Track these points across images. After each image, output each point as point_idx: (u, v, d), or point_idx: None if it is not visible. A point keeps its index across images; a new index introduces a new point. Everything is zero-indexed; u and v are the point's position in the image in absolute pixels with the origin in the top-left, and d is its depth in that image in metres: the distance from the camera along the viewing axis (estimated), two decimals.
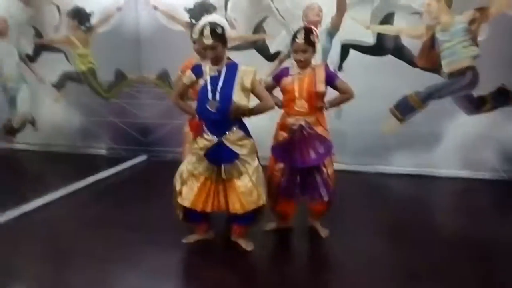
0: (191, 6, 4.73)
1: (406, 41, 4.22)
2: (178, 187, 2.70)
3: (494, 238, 3.03)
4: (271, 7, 4.48)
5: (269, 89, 2.82)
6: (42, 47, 5.47)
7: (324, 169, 2.79)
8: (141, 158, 5.10)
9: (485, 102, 4.16)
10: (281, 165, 2.84)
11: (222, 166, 2.58)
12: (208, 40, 2.42)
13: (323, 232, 3.04)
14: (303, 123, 2.74)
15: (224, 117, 2.51)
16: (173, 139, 4.55)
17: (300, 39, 2.63)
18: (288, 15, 4.45)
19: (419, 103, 4.29)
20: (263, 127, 2.94)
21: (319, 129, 2.77)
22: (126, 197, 3.93)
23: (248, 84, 2.50)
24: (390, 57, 4.27)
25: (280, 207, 2.98)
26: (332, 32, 4.21)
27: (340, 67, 4.37)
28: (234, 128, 2.56)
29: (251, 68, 2.55)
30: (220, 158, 2.57)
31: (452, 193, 4.10)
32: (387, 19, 4.23)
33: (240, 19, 4.62)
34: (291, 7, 4.42)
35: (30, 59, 5.54)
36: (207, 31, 2.41)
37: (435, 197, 4.01)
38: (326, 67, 2.88)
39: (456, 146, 4.30)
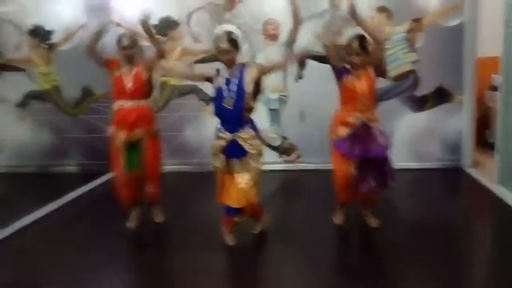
0: (156, 22, 4.93)
1: None
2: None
3: (445, 218, 3.49)
4: (232, 23, 4.77)
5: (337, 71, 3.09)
6: (2, 67, 5.42)
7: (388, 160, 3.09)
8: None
9: (427, 101, 4.70)
10: (347, 166, 3.08)
11: (232, 161, 2.91)
12: (223, 44, 2.76)
13: (375, 223, 3.30)
14: (364, 119, 3.02)
15: (240, 114, 2.84)
16: None
17: (355, 44, 2.93)
18: (248, 30, 4.76)
19: None
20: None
21: (377, 124, 3.07)
22: (103, 215, 3.90)
23: (255, 75, 2.83)
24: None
25: (346, 198, 3.26)
26: (290, 43, 4.58)
27: (300, 76, 4.77)
28: (247, 128, 2.89)
29: (254, 65, 2.96)
30: (232, 153, 2.90)
31: (405, 182, 4.54)
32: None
33: (204, 33, 4.89)
34: (251, 22, 4.75)
35: None
36: (223, 37, 2.76)
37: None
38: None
39: (405, 141, 4.80)
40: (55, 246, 3.33)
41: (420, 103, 4.71)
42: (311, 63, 4.74)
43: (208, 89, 4.87)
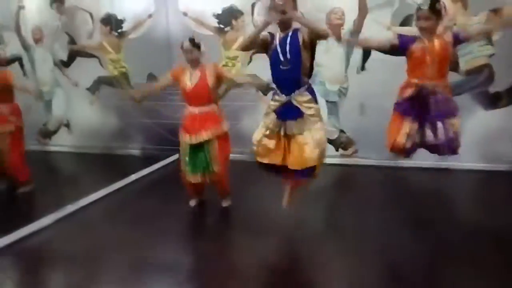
0: (219, 12, 5.01)
1: None
2: (256, 149, 3.05)
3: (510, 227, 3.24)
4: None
5: (390, 47, 3.09)
6: (76, 53, 5.78)
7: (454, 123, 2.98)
8: (174, 157, 5.37)
9: (501, 98, 4.37)
10: (407, 123, 3.02)
11: (287, 123, 2.91)
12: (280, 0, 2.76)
13: None
14: (430, 85, 2.93)
15: (296, 75, 2.83)
16: None
17: (425, 6, 2.85)
18: (311, 18, 4.69)
19: None
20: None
21: (444, 92, 2.97)
22: (164, 195, 4.10)
23: (307, 39, 2.80)
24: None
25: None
26: (354, 34, 4.47)
27: (362, 67, 4.63)
28: (303, 90, 2.87)
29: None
30: (286, 115, 2.90)
31: (472, 185, 4.31)
32: (406, 21, 4.45)
33: None
34: (314, 11, 4.67)
35: (64, 64, 5.86)
36: None
37: (456, 189, 4.21)
38: (454, 32, 2.99)
39: (475, 139, 4.49)
40: (116, 223, 3.55)
41: (493, 100, 4.39)
42: (375, 55, 4.57)
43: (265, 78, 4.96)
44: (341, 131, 4.87)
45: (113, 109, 5.74)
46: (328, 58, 4.64)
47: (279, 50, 2.84)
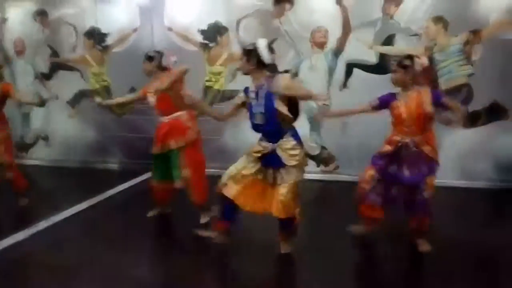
0: (204, 27, 5.03)
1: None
2: (224, 181, 2.93)
3: (493, 243, 3.24)
4: (280, 29, 4.80)
5: (374, 109, 3.14)
6: (58, 66, 5.71)
7: (423, 188, 2.96)
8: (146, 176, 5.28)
9: (479, 117, 4.47)
10: (372, 172, 3.08)
11: (270, 171, 2.85)
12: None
13: (424, 247, 3.09)
14: (407, 141, 2.96)
15: (274, 127, 2.77)
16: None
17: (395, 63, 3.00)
18: (296, 37, 4.77)
19: None
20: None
21: (426, 149, 2.95)
22: (141, 211, 3.91)
23: (282, 91, 2.69)
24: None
25: (365, 212, 3.20)
26: (337, 52, 4.56)
27: (344, 85, 4.69)
28: (287, 137, 2.80)
29: (283, 77, 2.85)
30: (270, 163, 2.84)
31: (451, 201, 4.33)
32: (389, 41, 4.55)
33: (251, 40, 4.91)
34: (299, 29, 4.74)
35: (45, 77, 5.78)
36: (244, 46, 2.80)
37: (434, 206, 4.16)
38: (433, 91, 3.04)
39: (454, 157, 4.58)
40: (92, 240, 3.42)
41: (471, 119, 4.48)
42: (357, 73, 4.65)
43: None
44: (323, 147, 4.89)
45: (92, 123, 5.65)
46: (311, 75, 4.69)
47: (253, 104, 2.80)
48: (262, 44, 2.77)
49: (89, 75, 5.60)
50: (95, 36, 5.45)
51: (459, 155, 4.57)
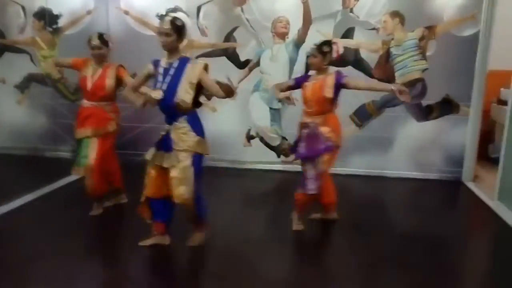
0: (163, 13, 4.87)
1: (364, 54, 4.63)
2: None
3: (442, 231, 3.43)
4: (241, 18, 4.73)
5: (289, 88, 3.37)
6: (4, 48, 5.35)
7: (318, 165, 3.12)
8: None
9: (432, 111, 4.64)
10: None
11: (165, 154, 2.78)
12: (165, 25, 2.64)
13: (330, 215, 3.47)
14: (309, 121, 3.15)
15: (170, 108, 2.72)
16: (143, 142, 4.63)
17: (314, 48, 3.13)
18: (257, 26, 4.72)
19: (375, 111, 4.71)
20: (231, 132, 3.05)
21: (324, 129, 3.10)
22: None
23: (194, 78, 2.68)
24: (350, 68, 4.63)
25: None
26: (298, 43, 4.54)
27: None
28: (183, 121, 2.73)
29: (200, 62, 2.74)
30: (162, 146, 2.78)
31: (404, 192, 4.52)
32: (348, 33, 4.61)
33: (212, 27, 4.82)
34: (261, 18, 4.70)
35: None
36: (167, 19, 2.67)
37: (388, 196, 4.39)
38: (337, 73, 3.13)
39: (407, 149, 4.75)
40: (41, 233, 3.27)
41: (425, 113, 4.65)
42: None
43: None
44: (283, 138, 4.90)
45: (43, 109, 5.35)
46: (273, 66, 4.66)
47: (159, 79, 2.74)
48: (186, 20, 2.82)
49: (39, 58, 5.28)
50: (45, 17, 5.14)
51: (413, 147, 4.74)
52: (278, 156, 4.95)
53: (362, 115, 4.73)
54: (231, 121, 4.89)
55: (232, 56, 4.83)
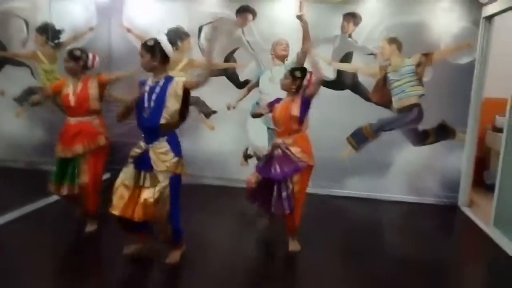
0: (165, 31, 4.94)
1: (362, 78, 4.70)
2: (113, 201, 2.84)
3: (438, 256, 3.43)
4: (242, 39, 4.80)
5: (261, 115, 3.43)
6: (5, 60, 5.38)
7: (290, 185, 3.10)
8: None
9: (428, 136, 4.69)
10: (257, 174, 3.26)
11: (142, 174, 2.79)
12: (141, 50, 2.80)
13: (292, 246, 3.29)
14: (280, 142, 3.15)
15: (156, 125, 2.74)
16: None
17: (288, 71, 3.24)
18: (257, 48, 4.79)
19: (372, 134, 4.75)
20: (229, 150, 3.08)
21: (294, 149, 3.11)
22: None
23: (179, 90, 2.75)
24: (348, 91, 4.71)
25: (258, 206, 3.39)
26: (297, 65, 4.59)
27: None
28: (162, 141, 2.77)
29: (182, 78, 2.84)
30: (141, 165, 2.79)
31: (400, 215, 4.53)
32: (346, 58, 4.69)
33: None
34: (261, 41, 4.77)
35: None
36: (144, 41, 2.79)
37: (384, 219, 4.40)
38: (303, 95, 3.22)
39: (403, 173, 4.78)
40: (33, 248, 3.25)
41: (421, 137, 4.69)
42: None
43: (210, 101, 4.92)
44: None
45: (41, 122, 5.36)
46: (271, 87, 4.66)
47: (145, 97, 2.79)
48: (162, 40, 2.87)
49: (39, 72, 5.31)
50: (48, 32, 5.19)
51: (408, 171, 4.77)
52: None
53: (359, 138, 4.77)
54: (228, 140, 4.91)
55: (231, 76, 4.89)
